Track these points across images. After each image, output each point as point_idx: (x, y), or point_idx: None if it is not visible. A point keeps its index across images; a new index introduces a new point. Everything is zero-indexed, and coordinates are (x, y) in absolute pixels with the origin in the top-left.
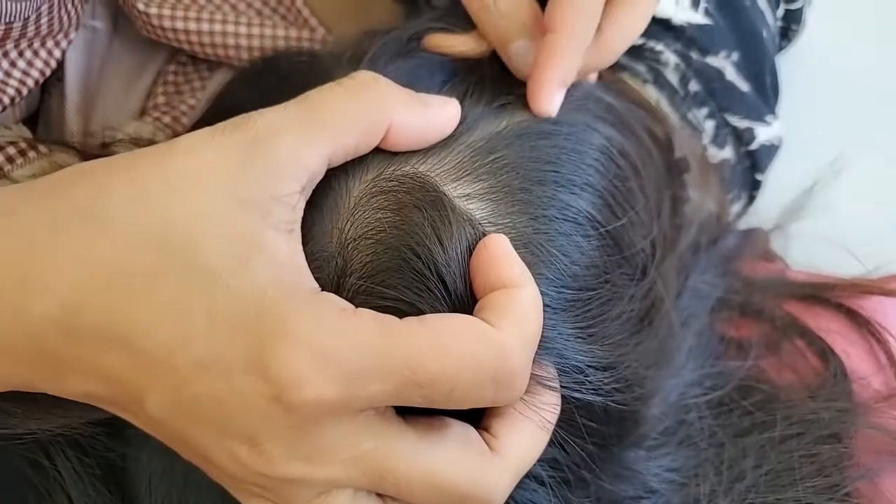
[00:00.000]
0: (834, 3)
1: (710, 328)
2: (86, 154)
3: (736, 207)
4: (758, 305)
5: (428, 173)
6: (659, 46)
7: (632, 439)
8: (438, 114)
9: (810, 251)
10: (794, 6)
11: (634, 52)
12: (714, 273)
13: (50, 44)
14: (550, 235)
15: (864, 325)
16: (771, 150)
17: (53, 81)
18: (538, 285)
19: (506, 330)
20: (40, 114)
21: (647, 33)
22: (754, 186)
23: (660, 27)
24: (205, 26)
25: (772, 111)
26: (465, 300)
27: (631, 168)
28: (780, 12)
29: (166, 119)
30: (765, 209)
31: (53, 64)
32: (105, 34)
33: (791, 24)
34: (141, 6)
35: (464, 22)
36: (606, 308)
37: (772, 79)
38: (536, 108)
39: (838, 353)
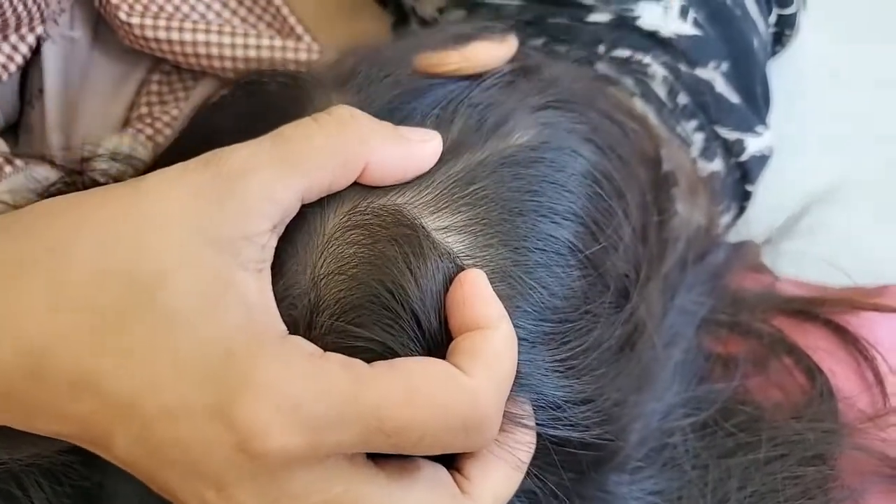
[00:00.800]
0: (828, 9)
1: (697, 347)
2: (64, 168)
3: (726, 219)
4: (746, 322)
5: (405, 206)
6: (646, 59)
7: (611, 465)
8: (419, 149)
9: (798, 261)
10: (787, 11)
11: (622, 64)
12: (701, 290)
13: (14, 38)
14: (529, 267)
15: (851, 343)
16: (761, 160)
17: (35, 93)
18: (516, 319)
19: (478, 375)
20: (21, 127)
21: (634, 45)
22: (744, 197)
23: (647, 39)
24: (188, 36)
25: (762, 121)
26: (439, 338)
27: (615, 192)
28: (773, 18)
29: (148, 131)
30: (754, 215)
31: (20, 59)
32: (85, 44)
33: (784, 29)
34: (123, 16)
35: (452, 38)
36: (586, 339)
37: (762, 88)
38: None
39: (825, 372)
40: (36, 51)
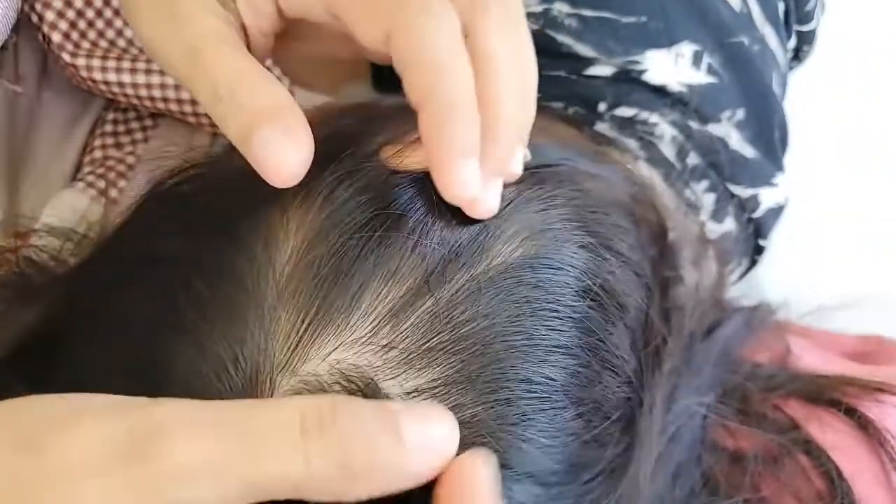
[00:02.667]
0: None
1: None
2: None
3: (735, 274)
4: (758, 409)
5: (364, 367)
6: (653, 118)
7: None
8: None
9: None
10: (807, 28)
11: (625, 124)
12: (709, 377)
13: None
14: (518, 422)
15: (874, 438)
16: (777, 212)
17: None
18: (507, 484)
19: None
20: None
21: (640, 103)
22: (757, 251)
23: (654, 95)
24: (140, 78)
25: (779, 167)
26: None
27: (614, 306)
28: (793, 42)
29: (100, 184)
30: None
31: None
32: (32, 84)
33: (803, 45)
34: (67, 57)
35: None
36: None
37: (780, 132)
38: (448, 192)
39: (846, 476)
40: None
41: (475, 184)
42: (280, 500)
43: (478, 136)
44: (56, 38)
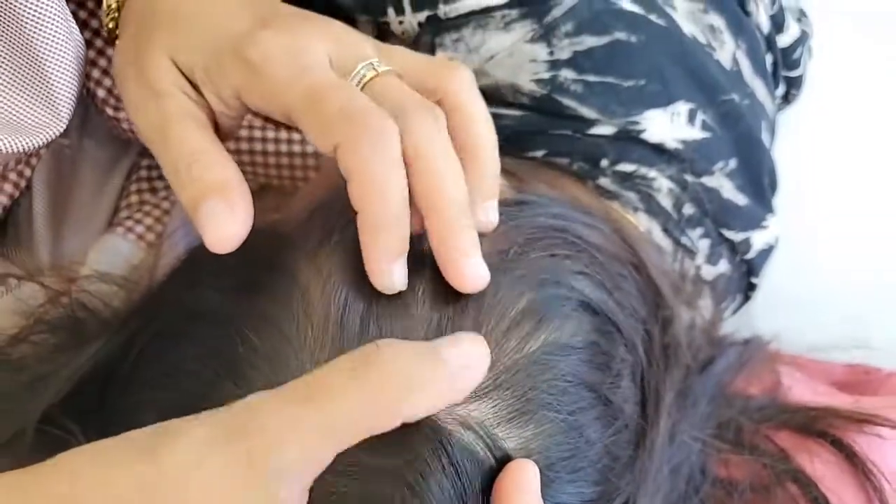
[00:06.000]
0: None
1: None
2: (50, 290)
3: (729, 311)
4: (750, 440)
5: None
6: (652, 172)
7: None
8: (462, 379)
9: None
10: (795, 73)
11: (625, 178)
12: (705, 412)
13: (21, 165)
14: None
15: (860, 468)
16: (767, 252)
17: (22, 189)
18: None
19: None
20: (8, 222)
21: (639, 159)
22: (749, 288)
23: (652, 152)
24: None
25: (770, 210)
26: None
27: (614, 373)
28: (781, 90)
29: (139, 229)
30: None
31: (23, 184)
32: (75, 136)
33: (791, 89)
34: (110, 111)
35: None
36: None
37: (769, 177)
38: (377, 282)
39: None
40: None
41: (403, 276)
42: None
43: (403, 238)
44: (101, 93)
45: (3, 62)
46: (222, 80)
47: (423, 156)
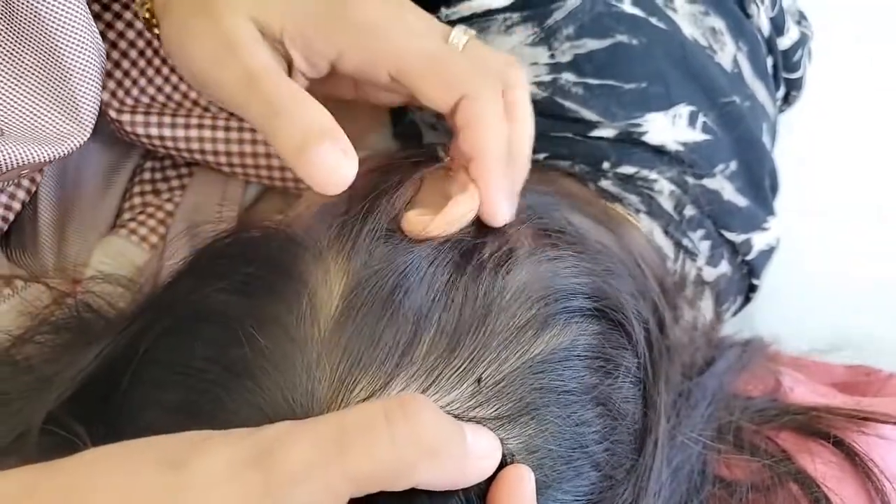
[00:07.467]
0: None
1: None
2: (55, 291)
3: (730, 312)
4: (751, 441)
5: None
6: (653, 175)
7: None
8: (476, 465)
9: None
10: (795, 76)
11: (627, 181)
12: (706, 412)
13: (34, 171)
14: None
15: (861, 467)
16: (768, 253)
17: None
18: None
19: None
20: (14, 225)
21: (640, 161)
22: (750, 289)
23: (653, 154)
24: (180, 132)
25: (770, 212)
26: None
27: (615, 375)
28: (781, 92)
29: (142, 231)
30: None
31: (34, 189)
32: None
33: (792, 90)
34: (113, 113)
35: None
36: None
37: (771, 179)
38: (491, 220)
39: None
40: None
41: (509, 212)
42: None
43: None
44: (104, 96)
45: (31, 72)
46: (321, 42)
47: (521, 105)
